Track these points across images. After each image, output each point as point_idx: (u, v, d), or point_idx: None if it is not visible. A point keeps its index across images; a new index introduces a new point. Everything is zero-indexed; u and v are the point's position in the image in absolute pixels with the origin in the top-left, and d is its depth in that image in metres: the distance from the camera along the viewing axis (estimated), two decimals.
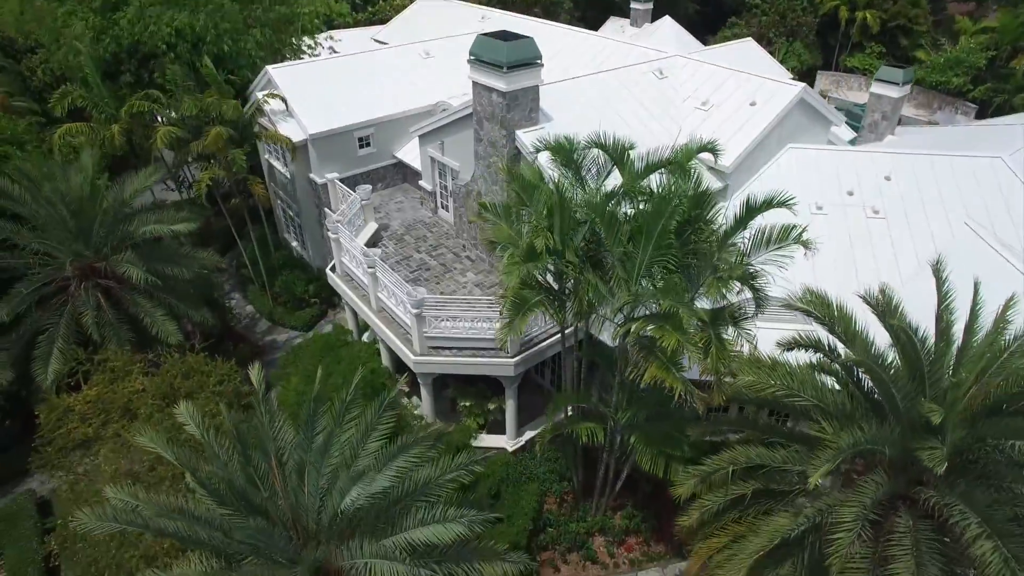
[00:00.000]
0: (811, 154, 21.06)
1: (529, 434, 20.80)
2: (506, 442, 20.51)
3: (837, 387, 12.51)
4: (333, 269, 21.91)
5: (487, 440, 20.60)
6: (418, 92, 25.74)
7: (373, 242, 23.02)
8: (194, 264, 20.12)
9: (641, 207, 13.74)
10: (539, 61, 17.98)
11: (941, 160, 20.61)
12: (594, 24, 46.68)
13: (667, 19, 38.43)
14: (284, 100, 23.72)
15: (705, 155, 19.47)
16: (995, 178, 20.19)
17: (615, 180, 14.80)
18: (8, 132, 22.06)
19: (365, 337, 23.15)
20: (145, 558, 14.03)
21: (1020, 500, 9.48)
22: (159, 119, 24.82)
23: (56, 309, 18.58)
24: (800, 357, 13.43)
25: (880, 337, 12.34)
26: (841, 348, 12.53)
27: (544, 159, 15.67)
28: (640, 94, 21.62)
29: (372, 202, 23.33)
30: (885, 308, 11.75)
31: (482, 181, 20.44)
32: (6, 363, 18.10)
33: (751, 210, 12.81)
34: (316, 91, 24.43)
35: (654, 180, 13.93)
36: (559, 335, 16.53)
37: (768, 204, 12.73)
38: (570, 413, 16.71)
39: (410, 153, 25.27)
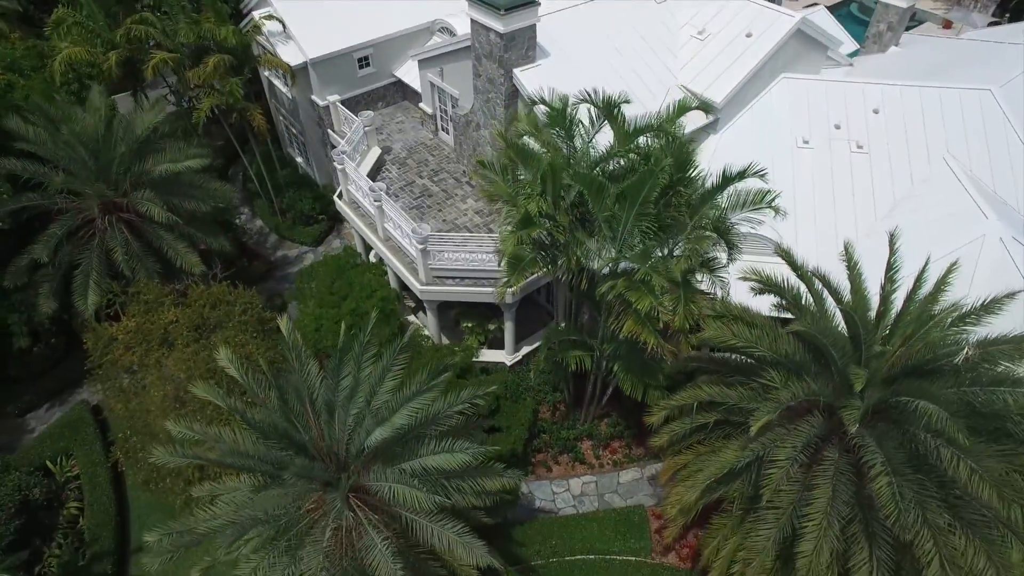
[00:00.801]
0: (803, 85, 21.65)
1: (526, 349, 23.23)
2: (505, 357, 22.95)
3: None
4: (340, 196, 23.27)
5: (487, 355, 23.05)
6: (416, 9, 25.58)
7: (377, 167, 24.17)
8: (209, 197, 21.49)
9: (631, 158, 15.06)
10: (536, 0, 18.29)
11: (930, 93, 21.23)
12: None
13: None
14: (281, 22, 23.80)
15: (697, 89, 20.38)
16: (981, 112, 20.94)
17: (608, 133, 15.95)
18: (8, 59, 22.50)
19: (372, 257, 24.94)
20: (200, 468, 16.84)
21: (921, 444, 11.75)
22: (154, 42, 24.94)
23: (84, 244, 20.26)
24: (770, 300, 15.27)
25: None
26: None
27: (541, 111, 16.66)
28: (637, 23, 21.80)
29: (374, 123, 24.19)
30: (827, 286, 13.42)
31: (481, 114, 21.28)
32: (49, 294, 20.11)
33: (726, 180, 14.14)
34: (313, 10, 24.40)
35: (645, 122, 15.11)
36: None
37: (741, 175, 14.03)
38: (562, 342, 18.88)
39: (410, 73, 25.65)
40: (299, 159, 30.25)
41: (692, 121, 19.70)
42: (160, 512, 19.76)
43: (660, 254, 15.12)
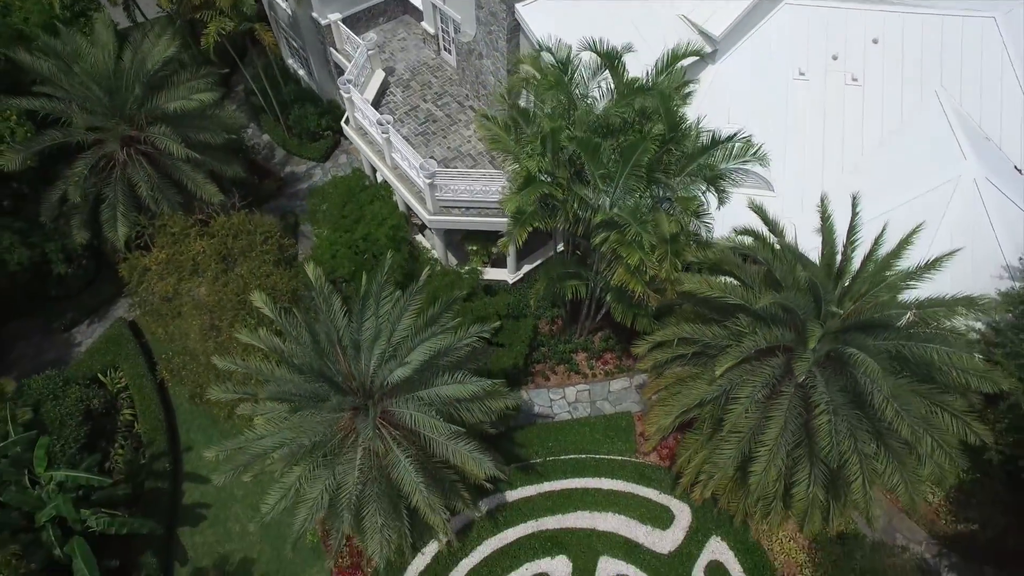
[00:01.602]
0: (804, 12, 21.88)
1: (527, 267, 25.27)
2: (507, 275, 25.03)
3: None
4: (347, 121, 24.25)
5: (491, 273, 25.10)
6: None
7: (381, 90, 24.90)
8: (221, 128, 22.56)
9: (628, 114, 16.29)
10: None
11: (932, 21, 21.54)
12: None
13: None
14: None
15: (696, 20, 20.94)
16: (981, 42, 21.41)
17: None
18: None
19: (379, 177, 26.26)
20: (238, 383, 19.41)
21: (860, 387, 14.07)
22: None
23: (106, 179, 21.65)
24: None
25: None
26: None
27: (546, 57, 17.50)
28: None
29: (377, 43, 24.61)
30: (801, 259, 15.12)
31: (483, 44, 21.83)
32: (80, 225, 21.86)
33: (715, 142, 15.44)
34: None
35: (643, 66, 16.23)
36: None
37: (730, 139, 15.32)
38: (559, 274, 20.83)
39: None
40: (301, 71, 30.56)
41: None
42: (202, 418, 22.85)
43: (655, 196, 16.69)
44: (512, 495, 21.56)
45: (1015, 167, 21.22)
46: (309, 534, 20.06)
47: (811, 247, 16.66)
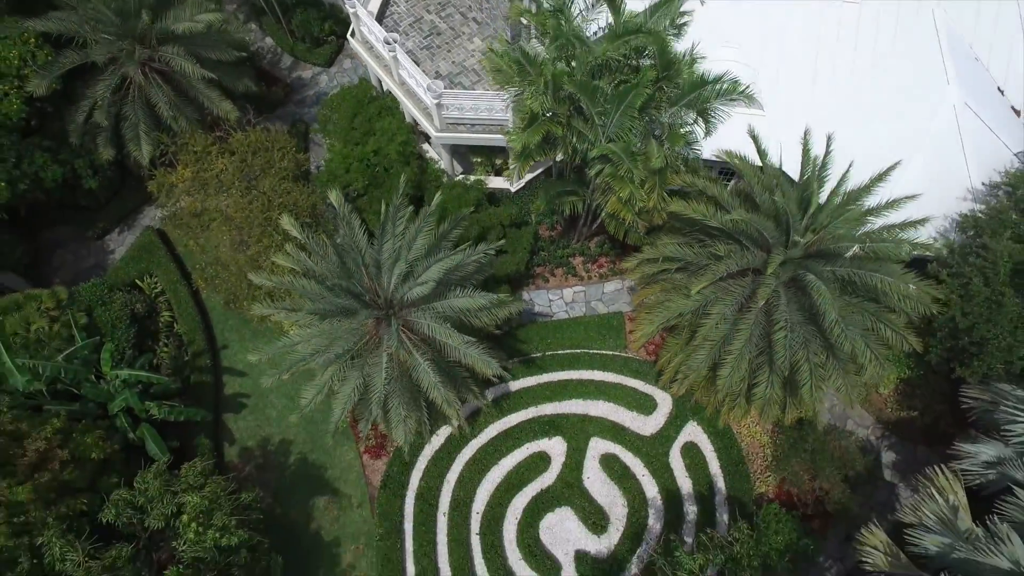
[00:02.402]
0: None
1: (528, 176, 27.06)
2: (507, 175, 26.77)
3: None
4: (353, 35, 25.09)
5: (494, 182, 26.97)
6: None
7: (386, 1, 25.48)
8: (229, 45, 23.55)
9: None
10: None
11: None
12: None
13: None
14: None
15: None
16: None
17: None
18: None
19: (385, 87, 27.39)
20: (269, 294, 22.04)
21: (815, 305, 16.61)
22: None
23: (124, 95, 23.00)
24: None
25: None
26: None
27: None
28: None
29: None
30: (772, 191, 17.07)
31: None
32: (106, 143, 23.53)
33: (704, 83, 16.94)
34: None
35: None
36: None
37: (719, 79, 16.82)
38: (559, 192, 22.79)
39: None
40: None
41: None
42: (234, 319, 25.72)
43: (648, 126, 18.44)
44: (515, 385, 24.87)
45: (998, 88, 22.63)
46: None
47: (796, 166, 18.47)
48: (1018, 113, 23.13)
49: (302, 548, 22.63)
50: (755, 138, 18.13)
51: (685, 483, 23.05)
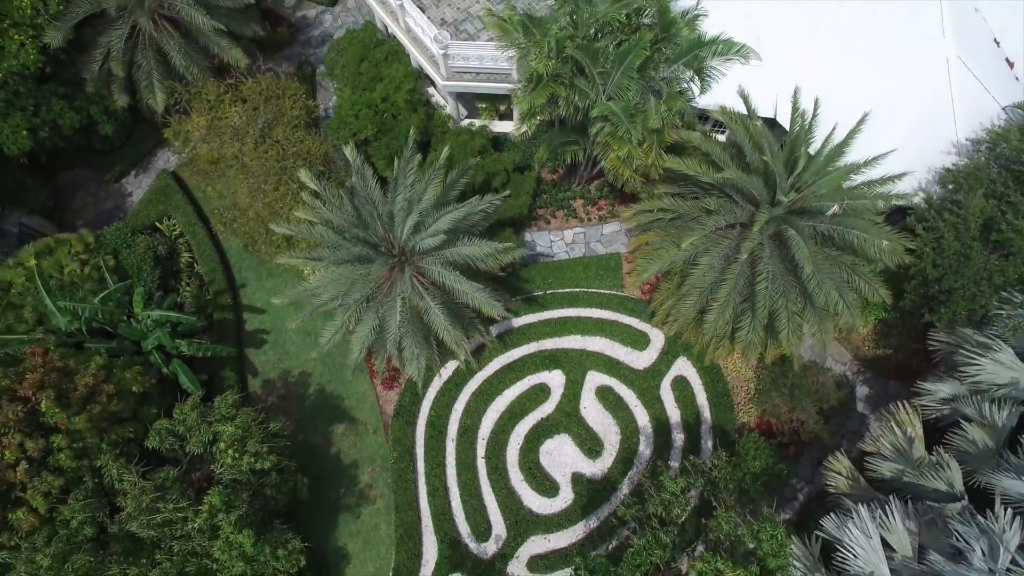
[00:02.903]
0: None
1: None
2: (512, 129, 27.90)
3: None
4: None
5: (498, 126, 28.05)
6: None
7: None
8: None
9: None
10: None
11: None
12: None
13: None
14: None
15: None
16: None
17: None
18: None
19: (390, 31, 27.92)
20: (286, 239, 23.59)
21: (797, 261, 18.18)
22: None
23: (134, 43, 23.75)
24: None
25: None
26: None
27: None
28: None
29: None
30: (759, 150, 18.27)
31: None
32: (120, 90, 24.47)
33: (701, 44, 17.91)
34: None
35: None
36: None
37: (714, 40, 17.77)
38: (561, 143, 23.91)
39: None
40: None
41: None
42: (250, 259, 27.34)
43: (647, 84, 19.50)
44: (517, 322, 26.78)
45: (994, 40, 23.36)
46: None
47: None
48: (1011, 65, 23.94)
49: (324, 470, 25.17)
50: (746, 99, 19.17)
51: (674, 413, 25.32)
